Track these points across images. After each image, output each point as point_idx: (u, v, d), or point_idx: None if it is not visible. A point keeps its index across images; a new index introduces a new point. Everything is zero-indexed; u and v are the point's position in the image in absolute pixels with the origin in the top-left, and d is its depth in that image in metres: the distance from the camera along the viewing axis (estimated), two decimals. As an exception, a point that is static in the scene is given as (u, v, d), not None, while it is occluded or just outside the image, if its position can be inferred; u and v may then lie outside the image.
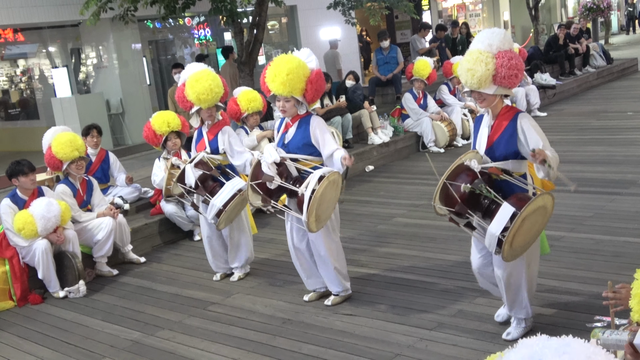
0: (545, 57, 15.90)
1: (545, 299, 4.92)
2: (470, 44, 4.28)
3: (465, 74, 4.13)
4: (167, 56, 16.22)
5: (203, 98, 5.72)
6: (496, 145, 4.22)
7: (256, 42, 11.09)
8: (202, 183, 5.81)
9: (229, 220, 5.85)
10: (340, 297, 5.34)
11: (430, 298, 5.20)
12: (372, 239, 6.86)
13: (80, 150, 6.70)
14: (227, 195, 5.69)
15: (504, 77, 4.07)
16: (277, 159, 4.97)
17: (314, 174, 4.85)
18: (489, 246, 4.09)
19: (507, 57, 4.07)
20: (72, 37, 14.29)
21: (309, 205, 4.72)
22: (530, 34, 20.66)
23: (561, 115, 13.00)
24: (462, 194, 4.11)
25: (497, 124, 4.25)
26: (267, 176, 4.93)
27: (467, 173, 4.16)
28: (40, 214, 6.07)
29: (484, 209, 4.15)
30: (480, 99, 4.22)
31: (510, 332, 4.44)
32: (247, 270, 6.28)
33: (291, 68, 4.89)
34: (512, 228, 3.86)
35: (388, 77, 12.92)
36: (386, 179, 9.64)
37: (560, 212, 6.91)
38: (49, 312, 5.96)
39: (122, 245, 6.96)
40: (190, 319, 5.42)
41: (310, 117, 5.11)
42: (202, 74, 5.76)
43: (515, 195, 4.09)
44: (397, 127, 11.21)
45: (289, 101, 5.02)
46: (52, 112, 13.00)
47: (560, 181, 4.17)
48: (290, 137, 5.09)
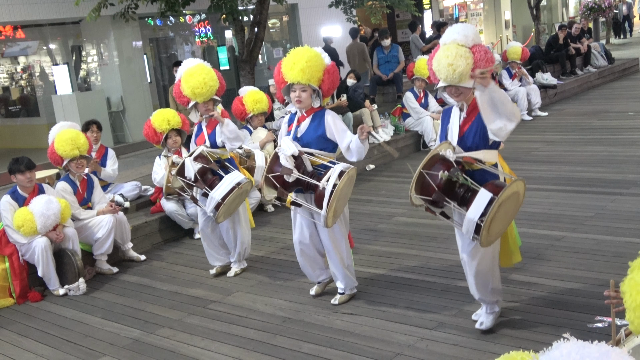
0: (546, 57, 15.89)
1: (547, 299, 4.91)
2: (442, 38, 4.27)
3: (446, 69, 4.11)
4: (168, 54, 16.22)
5: (198, 92, 5.76)
6: (467, 135, 4.29)
7: (257, 40, 11.10)
8: (201, 176, 5.84)
9: (227, 213, 5.88)
10: (347, 296, 5.35)
11: (431, 297, 5.20)
12: (372, 238, 6.85)
13: (82, 149, 6.65)
14: (226, 188, 5.70)
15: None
16: (296, 151, 4.96)
17: (334, 168, 4.86)
18: (466, 232, 4.12)
19: (482, 50, 4.12)
20: (72, 34, 14.29)
21: (329, 200, 4.74)
22: (531, 33, 20.64)
23: (562, 115, 13.00)
24: (439, 183, 4.16)
25: (469, 114, 4.31)
26: (285, 169, 4.91)
27: (441, 163, 4.21)
28: (40, 211, 6.07)
29: (460, 197, 4.20)
30: (457, 94, 4.24)
31: (483, 321, 4.53)
32: (244, 266, 6.31)
33: (310, 56, 4.93)
34: (490, 212, 3.92)
35: (389, 77, 12.93)
36: (387, 177, 9.64)
37: (560, 212, 6.92)
38: (49, 310, 5.96)
39: (122, 243, 6.96)
40: (191, 317, 5.41)
41: (324, 111, 5.11)
42: (196, 69, 5.81)
43: (491, 182, 4.16)
44: (398, 126, 11.21)
45: (306, 90, 4.99)
46: (53, 109, 13.00)
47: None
48: (303, 130, 5.07)
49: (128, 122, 13.51)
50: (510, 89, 12.85)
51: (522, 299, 4.96)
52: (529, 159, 9.44)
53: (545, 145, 10.18)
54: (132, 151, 12.57)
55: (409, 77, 11.35)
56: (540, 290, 5.08)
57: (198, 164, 5.85)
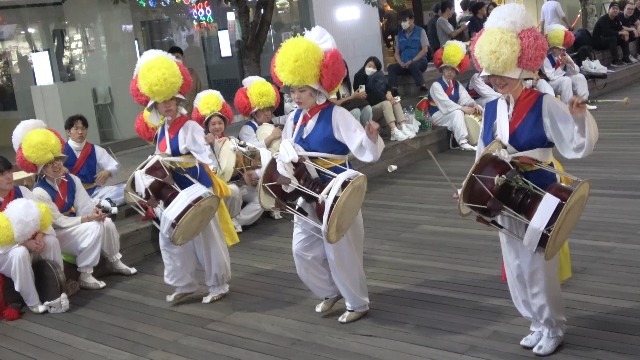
0: (594, 42, 15.84)
1: (594, 320, 4.90)
2: (487, 22, 4.29)
3: (488, 57, 4.14)
4: (162, 39, 16.29)
5: (156, 90, 5.58)
6: (519, 133, 4.27)
7: (263, 23, 11.11)
8: (155, 192, 5.70)
9: (188, 234, 5.69)
10: (356, 313, 5.35)
11: (460, 317, 5.20)
12: (394, 249, 6.86)
13: (55, 150, 6.64)
14: (180, 207, 5.52)
15: (530, 59, 4.14)
16: (296, 157, 4.95)
17: (337, 178, 4.83)
18: (528, 244, 4.11)
19: (532, 36, 4.13)
20: (54, 17, 14.37)
21: (330, 214, 4.70)
22: (577, 15, 20.55)
23: (613, 109, 12.93)
24: (494, 188, 4.12)
25: (519, 109, 4.30)
26: (282, 178, 4.91)
27: (493, 165, 4.19)
28: (18, 217, 6.11)
29: (517, 203, 4.17)
30: (502, 84, 4.26)
31: (543, 345, 4.49)
32: (224, 292, 6.14)
33: (299, 53, 4.84)
34: (559, 220, 3.91)
35: (406, 65, 12.81)
36: (411, 180, 9.63)
37: (610, 219, 6.89)
38: (27, 329, 6.00)
39: (110, 254, 7.00)
40: (187, 339, 5.43)
41: (332, 107, 5.08)
42: (155, 62, 5.64)
43: (554, 185, 4.15)
44: (424, 122, 11.20)
45: (304, 91, 4.99)
46: (32, 102, 13.07)
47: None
48: (309, 131, 5.07)
49: (117, 116, 13.54)
50: (553, 79, 12.81)
51: (567, 319, 4.94)
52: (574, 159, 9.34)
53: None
54: (122, 149, 12.58)
55: (436, 65, 11.33)
56: (587, 309, 5.06)
57: (151, 178, 5.71)
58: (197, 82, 9.93)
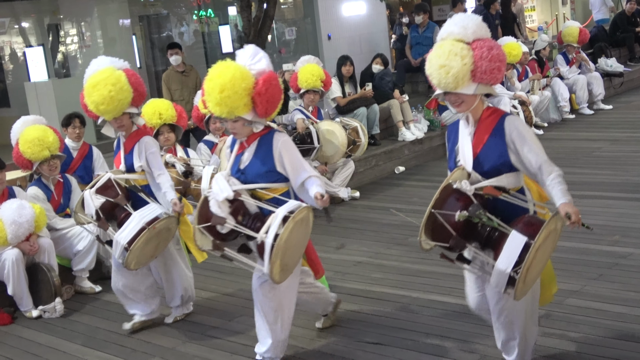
0: (611, 39, 15.80)
1: (610, 329, 4.89)
2: (440, 32, 4.10)
3: (437, 72, 3.95)
4: (161, 34, 16.30)
5: (103, 109, 5.37)
6: (483, 158, 4.05)
7: (266, 18, 11.11)
8: (106, 212, 5.48)
9: (142, 258, 5.44)
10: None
11: (471, 325, 5.19)
12: (402, 254, 6.86)
13: (52, 148, 6.63)
14: (132, 230, 5.28)
15: (485, 71, 3.92)
16: (230, 195, 4.55)
17: (276, 213, 4.42)
18: (496, 286, 3.92)
19: (485, 46, 3.92)
20: (49, 10, 14.39)
21: (271, 255, 4.32)
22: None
23: (630, 109, 12.92)
24: (456, 224, 3.93)
25: (480, 131, 4.08)
26: (217, 218, 4.51)
27: (456, 197, 3.99)
28: (11, 218, 6.12)
29: (484, 237, 4.00)
30: (457, 102, 4.04)
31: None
32: (188, 311, 5.99)
33: (224, 83, 4.44)
34: (526, 262, 3.68)
35: (417, 62, 12.79)
36: (419, 182, 9.63)
37: (627, 224, 6.89)
38: (20, 335, 6.01)
39: (106, 258, 7.00)
40: (186, 346, 5.44)
41: (272, 135, 4.68)
42: (100, 78, 5.37)
43: (522, 218, 3.94)
44: (432, 121, 11.19)
45: (237, 121, 4.61)
46: (26, 98, 13.09)
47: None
48: (247, 162, 4.71)
49: (113, 114, 13.57)
50: (568, 77, 12.81)
51: (581, 328, 4.95)
52: (590, 160, 9.40)
53: (609, 145, 10.10)
54: (118, 149, 12.64)
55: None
56: (603, 317, 5.06)
57: (101, 198, 5.47)
58: (197, 79, 9.92)
